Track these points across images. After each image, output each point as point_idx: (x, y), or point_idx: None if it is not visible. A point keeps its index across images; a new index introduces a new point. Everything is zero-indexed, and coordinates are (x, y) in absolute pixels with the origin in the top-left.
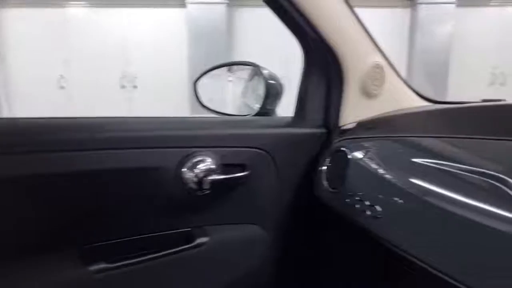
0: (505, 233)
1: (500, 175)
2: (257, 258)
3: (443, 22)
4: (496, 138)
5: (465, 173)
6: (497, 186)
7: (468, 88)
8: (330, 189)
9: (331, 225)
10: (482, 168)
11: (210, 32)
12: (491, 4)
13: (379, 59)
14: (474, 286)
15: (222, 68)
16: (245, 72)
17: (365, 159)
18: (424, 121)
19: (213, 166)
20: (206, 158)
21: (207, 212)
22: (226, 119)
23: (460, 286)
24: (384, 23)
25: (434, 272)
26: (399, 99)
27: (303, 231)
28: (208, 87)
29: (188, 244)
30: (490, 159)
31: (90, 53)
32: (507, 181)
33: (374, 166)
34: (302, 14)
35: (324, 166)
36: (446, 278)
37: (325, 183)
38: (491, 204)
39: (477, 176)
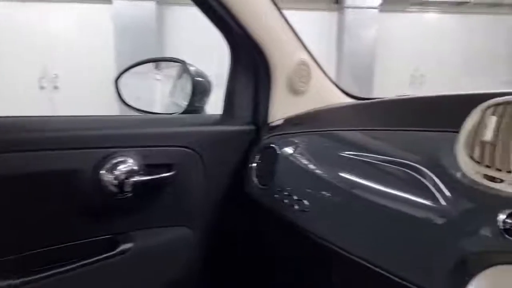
0: (420, 218)
1: (415, 164)
2: (186, 261)
3: (368, 26)
4: (410, 129)
5: (385, 164)
6: (413, 175)
7: (391, 88)
8: (260, 186)
9: (262, 222)
10: (400, 158)
11: (138, 30)
12: (411, 10)
13: (305, 57)
14: (400, 273)
15: (149, 66)
16: (173, 70)
17: (293, 154)
18: (348, 115)
19: (135, 167)
20: (127, 158)
21: (131, 216)
22: (151, 118)
23: (386, 274)
24: (313, 26)
25: (361, 261)
26: (325, 95)
27: (234, 230)
28: (134, 86)
29: (110, 251)
30: (405, 150)
31: (7, 51)
32: (420, 169)
33: (301, 161)
34: (228, 11)
35: (253, 163)
36: (372, 267)
37: (255, 179)
38: (407, 192)
39: (395, 166)
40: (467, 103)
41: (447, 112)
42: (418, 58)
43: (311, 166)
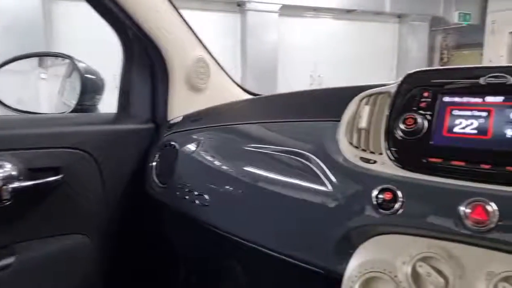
0: (310, 201)
1: (304, 152)
2: (81, 273)
3: (269, 28)
4: (299, 120)
5: (278, 153)
6: (302, 162)
7: (294, 88)
8: (160, 185)
9: (166, 220)
10: (291, 147)
11: (24, 27)
12: (307, 15)
13: (203, 54)
14: (295, 255)
15: (33, 64)
16: (62, 68)
17: (192, 150)
18: (245, 110)
19: (14, 172)
20: (5, 163)
21: (13, 227)
22: (33, 117)
23: (285, 258)
24: (219, 26)
25: (262, 248)
26: (224, 93)
27: (137, 232)
28: (15, 86)
29: None
30: (296, 139)
31: None
32: (308, 156)
33: (200, 156)
34: (120, 8)
35: (153, 161)
36: (271, 252)
37: (155, 178)
38: (298, 178)
39: (286, 155)
40: (346, 95)
41: (329, 103)
42: (316, 60)
43: (210, 161)
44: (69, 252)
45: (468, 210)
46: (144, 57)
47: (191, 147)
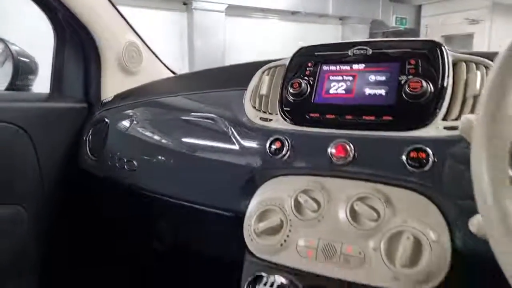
0: (222, 156)
1: (216, 117)
2: (17, 241)
3: (216, 28)
4: (214, 90)
5: (196, 119)
6: (216, 125)
7: None
8: (92, 158)
9: (98, 191)
10: (207, 113)
11: None
12: (254, 15)
13: (134, 39)
14: (213, 204)
15: None
16: None
17: (121, 124)
18: (169, 85)
19: None
20: None
21: None
22: None
23: (206, 208)
24: (167, 25)
25: (186, 204)
26: (156, 76)
27: (72, 204)
28: None
29: None
30: (211, 106)
31: None
32: (220, 120)
33: (128, 128)
34: None
35: (86, 138)
36: (195, 206)
37: (88, 152)
38: (212, 139)
39: (204, 120)
40: (252, 68)
41: (239, 76)
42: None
43: (137, 131)
44: (5, 221)
45: (333, 150)
46: (76, 40)
47: (121, 121)
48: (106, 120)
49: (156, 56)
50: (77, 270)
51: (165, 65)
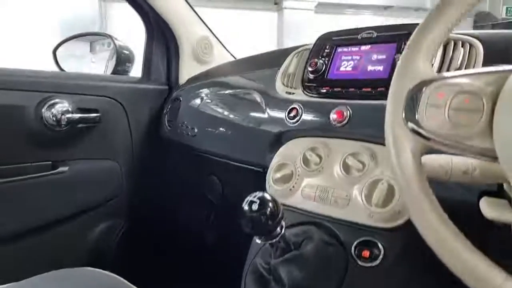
0: (255, 121)
1: (254, 91)
2: (111, 186)
3: (305, 26)
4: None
5: (240, 93)
6: (253, 96)
7: None
8: (168, 127)
9: (171, 153)
10: (248, 88)
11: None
12: (346, 12)
13: (206, 33)
14: (245, 159)
15: (84, 49)
16: (107, 53)
17: (189, 100)
18: (227, 69)
19: (69, 108)
20: (63, 101)
21: (67, 148)
22: (84, 74)
23: (237, 164)
24: (257, 24)
25: (224, 160)
26: (221, 62)
27: (152, 163)
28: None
29: (51, 172)
30: (254, 82)
31: None
32: (256, 93)
33: (193, 103)
34: (145, 1)
35: (165, 113)
36: (231, 162)
37: (166, 123)
38: (250, 108)
39: (245, 93)
40: (288, 53)
41: (277, 59)
42: None
43: (199, 105)
44: (104, 171)
45: (334, 115)
46: (161, 36)
47: (189, 98)
48: (180, 98)
49: (226, 49)
50: (153, 216)
51: (228, 51)
